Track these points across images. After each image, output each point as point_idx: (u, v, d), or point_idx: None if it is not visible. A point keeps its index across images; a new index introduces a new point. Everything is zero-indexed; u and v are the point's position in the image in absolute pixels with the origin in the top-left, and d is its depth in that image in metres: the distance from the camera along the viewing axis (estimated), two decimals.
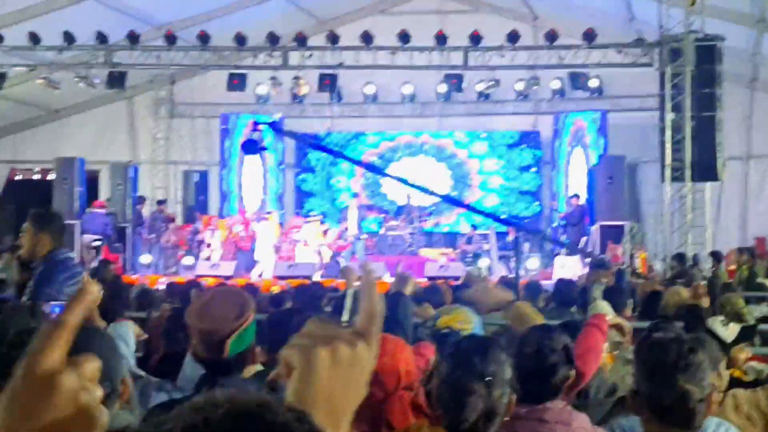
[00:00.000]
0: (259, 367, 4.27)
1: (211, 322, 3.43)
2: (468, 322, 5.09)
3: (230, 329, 3.41)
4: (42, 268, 5.89)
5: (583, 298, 9.18)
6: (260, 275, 21.41)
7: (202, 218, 23.98)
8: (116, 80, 23.02)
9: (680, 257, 17.58)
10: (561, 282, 10.14)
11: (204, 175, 26.78)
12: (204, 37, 22.19)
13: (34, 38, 21.50)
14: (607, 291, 9.56)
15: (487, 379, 3.17)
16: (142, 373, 5.04)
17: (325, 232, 22.70)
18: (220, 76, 24.74)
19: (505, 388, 3.23)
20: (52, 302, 4.60)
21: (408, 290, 6.80)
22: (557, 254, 22.33)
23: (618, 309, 8.26)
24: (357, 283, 6.89)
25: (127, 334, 5.87)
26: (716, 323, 6.12)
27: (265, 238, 22.75)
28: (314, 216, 23.62)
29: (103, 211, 23.29)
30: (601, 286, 8.36)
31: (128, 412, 3.21)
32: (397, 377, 3.72)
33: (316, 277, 19.89)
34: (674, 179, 20.00)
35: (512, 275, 17.87)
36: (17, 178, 29.47)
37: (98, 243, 21.54)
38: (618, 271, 10.15)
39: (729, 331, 5.91)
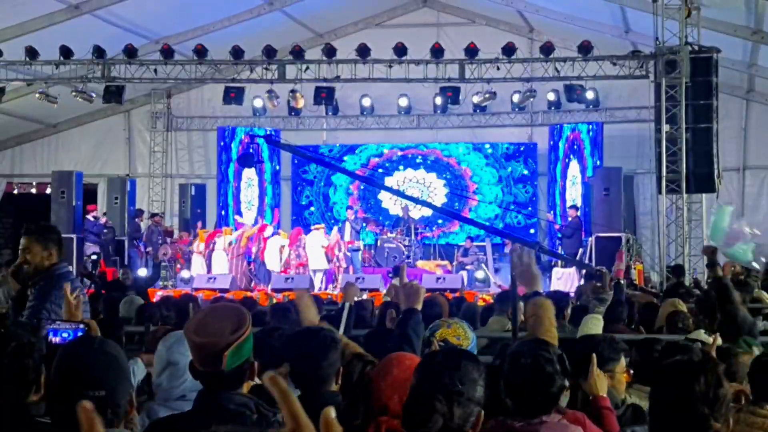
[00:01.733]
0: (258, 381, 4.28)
1: (207, 335, 3.44)
2: (466, 339, 5.09)
3: (227, 342, 3.42)
4: (43, 283, 5.91)
5: (578, 315, 9.13)
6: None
7: (201, 232, 23.94)
8: (113, 94, 23.01)
9: (678, 269, 17.56)
10: (552, 295, 10.06)
11: (201, 188, 26.79)
12: (201, 51, 22.20)
13: (32, 53, 21.52)
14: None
15: (453, 396, 3.13)
16: None
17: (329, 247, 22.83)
18: (216, 90, 24.80)
19: (472, 407, 3.17)
20: (49, 326, 4.59)
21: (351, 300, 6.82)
22: (554, 266, 22.34)
23: (614, 322, 8.24)
24: (355, 298, 6.95)
25: (137, 369, 5.85)
26: (700, 336, 6.12)
27: (275, 252, 22.80)
28: (317, 225, 23.68)
29: (90, 217, 23.35)
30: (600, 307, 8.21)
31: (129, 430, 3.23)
32: (383, 402, 3.70)
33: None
34: (670, 191, 20.01)
35: (508, 287, 17.89)
36: (14, 191, 29.46)
37: (95, 257, 21.55)
38: (616, 284, 10.07)
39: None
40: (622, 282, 11.11)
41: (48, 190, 25.61)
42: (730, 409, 3.31)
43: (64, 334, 4.48)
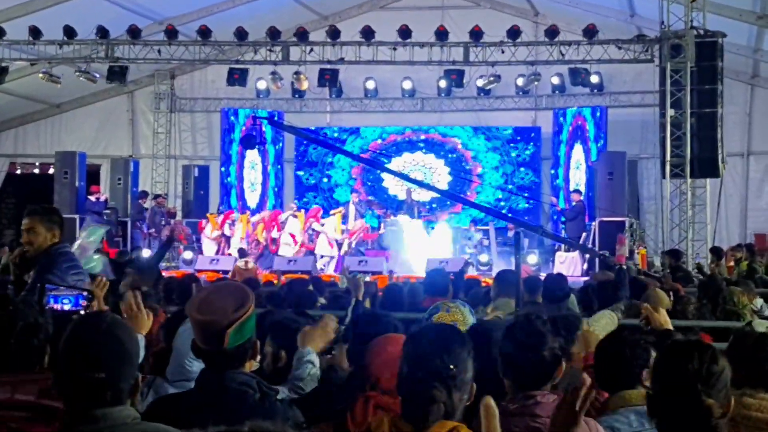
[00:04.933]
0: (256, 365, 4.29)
1: (210, 313, 3.45)
2: (464, 324, 5.07)
3: (229, 320, 3.42)
4: (44, 260, 6.04)
5: (585, 298, 9.10)
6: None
7: (210, 217, 23.83)
8: (117, 75, 23.02)
9: (675, 253, 17.51)
10: (550, 277, 9.99)
11: (204, 170, 26.77)
12: (205, 32, 22.16)
13: (36, 32, 21.49)
14: (602, 285, 9.50)
15: (449, 381, 3.12)
16: None
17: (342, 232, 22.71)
18: (220, 71, 24.79)
19: (465, 388, 3.18)
20: (50, 293, 4.60)
21: (359, 294, 6.84)
22: (557, 250, 22.33)
23: (612, 303, 8.18)
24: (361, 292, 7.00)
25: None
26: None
27: (292, 235, 22.71)
28: (336, 210, 23.55)
29: (92, 197, 23.37)
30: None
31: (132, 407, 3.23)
32: (375, 378, 3.70)
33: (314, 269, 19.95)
34: (674, 175, 19.99)
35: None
36: (17, 172, 29.46)
37: None
38: (619, 270, 10.05)
39: None
40: (624, 267, 11.05)
41: (51, 171, 25.62)
42: (729, 389, 3.33)
43: (65, 301, 4.49)
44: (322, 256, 22.23)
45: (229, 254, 22.30)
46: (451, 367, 3.13)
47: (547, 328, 3.82)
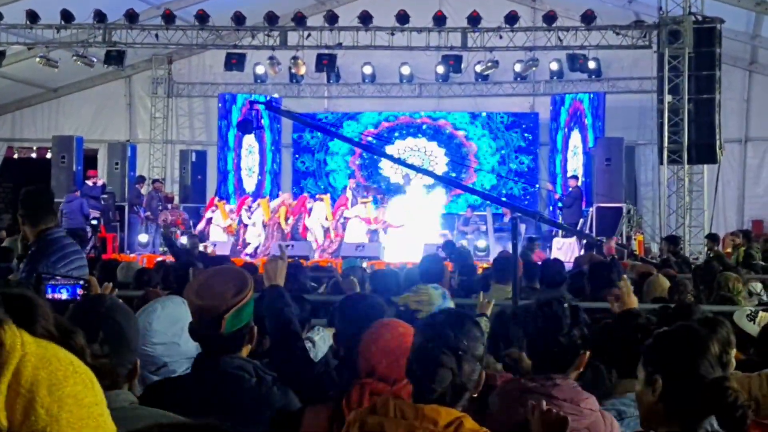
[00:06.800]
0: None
1: (209, 298, 3.44)
2: (428, 304, 5.05)
3: (227, 306, 3.42)
4: (34, 248, 5.86)
5: (577, 282, 9.10)
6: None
7: (220, 204, 23.68)
8: (114, 59, 22.97)
9: (672, 239, 17.53)
10: (547, 262, 9.97)
11: (202, 155, 26.74)
12: (202, 16, 22.12)
13: (33, 16, 21.44)
14: (594, 269, 9.49)
15: (459, 352, 3.14)
16: None
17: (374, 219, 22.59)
18: (218, 56, 24.71)
19: (476, 364, 3.18)
20: (47, 282, 4.61)
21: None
22: (554, 236, 22.34)
23: (602, 287, 8.15)
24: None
25: None
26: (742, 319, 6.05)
27: (317, 220, 22.58)
28: (366, 198, 23.44)
29: (90, 182, 23.35)
30: None
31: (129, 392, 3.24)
32: (371, 365, 3.69)
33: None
34: (672, 161, 20.01)
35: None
36: (15, 156, 29.42)
37: (95, 221, 21.53)
38: (612, 259, 10.03)
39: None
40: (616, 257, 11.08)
41: (48, 155, 25.60)
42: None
43: (62, 291, 4.49)
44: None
45: (248, 243, 22.27)
46: (463, 341, 3.16)
47: (566, 314, 3.82)
